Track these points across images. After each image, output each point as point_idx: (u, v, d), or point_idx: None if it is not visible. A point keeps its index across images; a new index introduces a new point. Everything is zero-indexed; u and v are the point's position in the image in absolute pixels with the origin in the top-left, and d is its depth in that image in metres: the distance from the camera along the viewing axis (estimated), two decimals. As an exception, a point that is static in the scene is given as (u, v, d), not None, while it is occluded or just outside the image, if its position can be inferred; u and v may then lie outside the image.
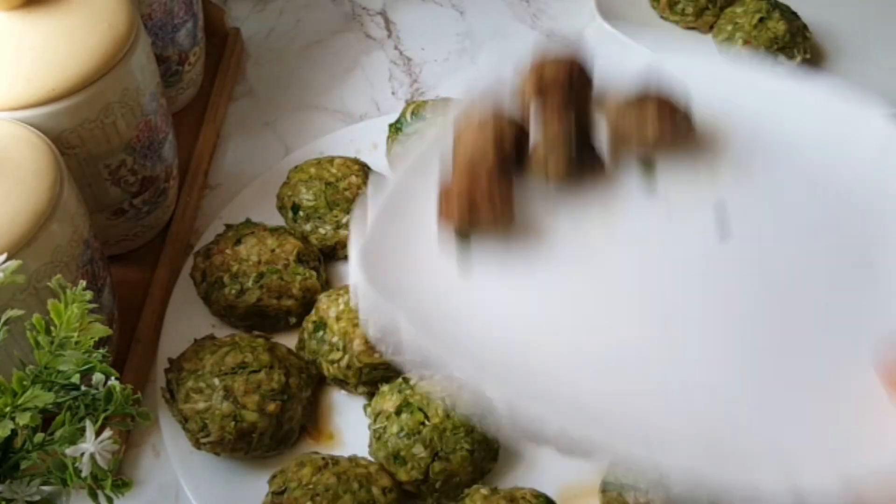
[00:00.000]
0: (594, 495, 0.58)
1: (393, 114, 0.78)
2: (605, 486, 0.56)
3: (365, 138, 0.79)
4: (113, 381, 0.43)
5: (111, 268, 0.63)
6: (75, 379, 0.43)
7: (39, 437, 0.42)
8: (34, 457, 0.42)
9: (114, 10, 0.59)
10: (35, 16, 0.56)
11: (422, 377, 0.59)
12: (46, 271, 0.51)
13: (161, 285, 0.69)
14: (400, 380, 0.59)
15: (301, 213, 0.71)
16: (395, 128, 0.75)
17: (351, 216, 0.69)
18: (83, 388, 0.43)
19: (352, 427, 0.62)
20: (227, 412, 0.57)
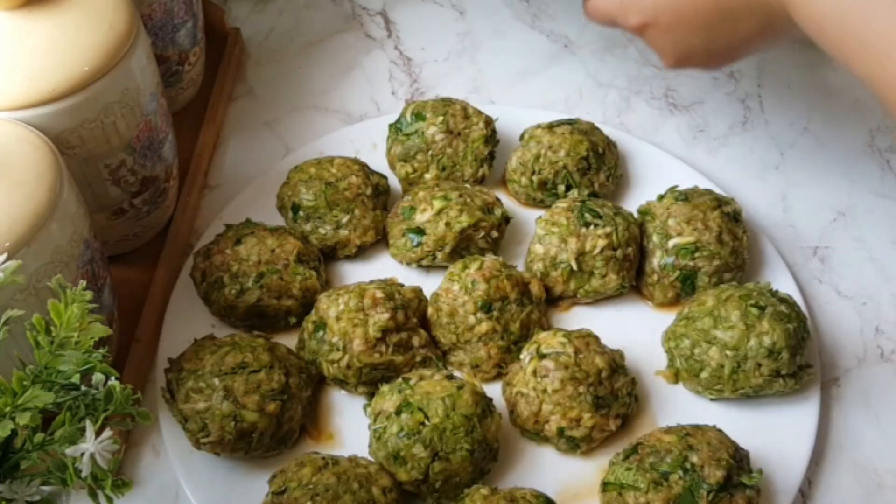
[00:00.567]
0: (594, 495, 0.58)
1: (393, 114, 0.77)
2: (605, 486, 0.56)
3: (365, 138, 0.79)
4: (113, 381, 0.43)
5: (111, 268, 0.63)
6: (75, 379, 0.43)
7: (39, 437, 0.43)
8: (34, 457, 0.42)
9: (114, 10, 0.59)
10: (35, 16, 0.56)
11: (422, 377, 0.59)
12: (46, 271, 0.51)
13: (161, 285, 0.69)
14: (400, 380, 0.59)
15: (301, 213, 0.71)
16: (395, 128, 0.75)
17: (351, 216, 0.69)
18: (83, 388, 0.43)
19: (352, 427, 0.62)
20: (227, 412, 0.57)
